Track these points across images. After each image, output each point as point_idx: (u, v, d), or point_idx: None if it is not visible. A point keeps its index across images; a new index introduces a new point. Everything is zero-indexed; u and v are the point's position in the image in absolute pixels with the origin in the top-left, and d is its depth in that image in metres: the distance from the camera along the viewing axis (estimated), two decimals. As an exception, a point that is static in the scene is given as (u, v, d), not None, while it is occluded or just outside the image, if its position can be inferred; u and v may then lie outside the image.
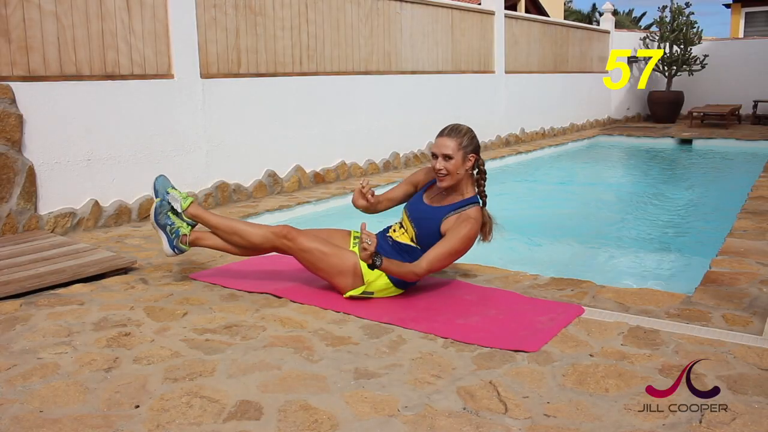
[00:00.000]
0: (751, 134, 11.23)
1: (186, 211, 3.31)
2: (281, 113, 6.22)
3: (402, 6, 7.79)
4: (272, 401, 2.16)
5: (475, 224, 3.07)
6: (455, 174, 3.10)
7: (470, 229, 3.04)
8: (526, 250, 5.06)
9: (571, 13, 34.14)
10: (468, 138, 3.12)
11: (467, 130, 3.14)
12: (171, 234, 3.31)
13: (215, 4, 5.56)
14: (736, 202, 5.46)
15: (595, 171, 9.41)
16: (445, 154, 3.08)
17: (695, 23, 13.58)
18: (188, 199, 3.33)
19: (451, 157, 3.07)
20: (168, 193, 3.32)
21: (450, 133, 3.11)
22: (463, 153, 3.09)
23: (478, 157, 3.16)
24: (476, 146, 3.15)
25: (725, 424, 1.99)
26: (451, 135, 3.10)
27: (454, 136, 3.09)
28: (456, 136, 3.09)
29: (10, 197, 4.27)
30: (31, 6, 4.35)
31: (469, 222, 3.05)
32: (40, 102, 4.44)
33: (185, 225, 3.36)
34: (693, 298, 3.08)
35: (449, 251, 3.01)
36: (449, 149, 3.07)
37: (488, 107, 9.67)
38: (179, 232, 3.32)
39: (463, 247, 3.06)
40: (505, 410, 2.09)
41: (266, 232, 3.18)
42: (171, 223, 3.32)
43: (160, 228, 3.30)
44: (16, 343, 2.65)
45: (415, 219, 3.20)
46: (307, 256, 3.11)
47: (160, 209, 3.30)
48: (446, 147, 3.08)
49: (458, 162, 3.08)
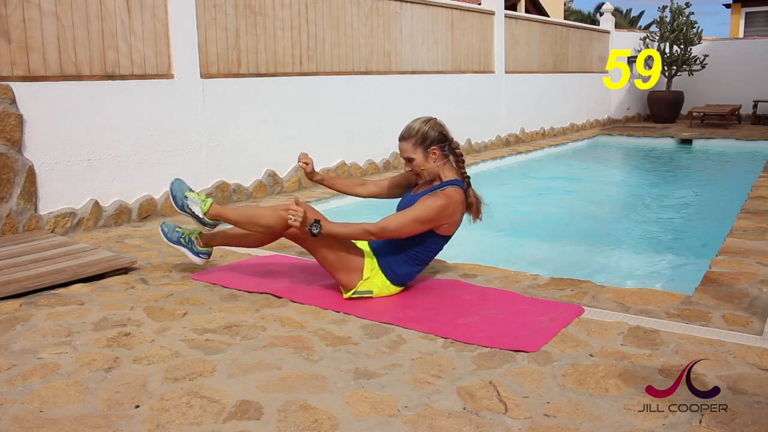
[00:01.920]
0: (751, 134, 11.23)
1: (207, 214, 3.29)
2: (281, 113, 6.22)
3: (402, 6, 7.79)
4: (272, 401, 2.16)
5: (446, 199, 3.01)
6: (426, 171, 3.12)
7: (439, 200, 2.99)
8: (526, 250, 5.06)
9: (571, 13, 34.14)
10: (420, 135, 3.07)
11: (419, 127, 3.09)
12: (187, 243, 3.39)
13: (215, 4, 5.56)
14: (736, 202, 5.46)
15: (595, 171, 9.40)
16: (406, 158, 3.13)
17: (695, 23, 13.58)
18: (207, 201, 3.30)
19: (412, 158, 3.10)
20: (186, 197, 3.30)
21: (403, 136, 3.13)
22: (421, 150, 3.08)
23: (443, 145, 3.12)
24: (435, 137, 3.09)
25: (725, 424, 1.99)
26: (405, 138, 3.12)
27: (407, 138, 3.10)
28: (408, 138, 3.10)
29: (10, 197, 4.27)
30: (31, 6, 4.36)
31: (440, 197, 3.01)
32: (40, 102, 4.44)
33: (193, 230, 3.46)
34: (693, 298, 3.08)
35: (411, 217, 2.96)
36: (407, 152, 3.11)
37: (488, 107, 9.67)
38: (191, 238, 3.41)
39: (427, 216, 2.97)
40: (505, 410, 2.09)
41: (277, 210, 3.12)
42: (181, 234, 3.41)
43: (176, 244, 3.40)
44: (16, 343, 2.65)
45: (401, 209, 3.21)
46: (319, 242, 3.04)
47: (167, 228, 3.41)
48: (404, 150, 3.12)
49: (420, 160, 3.09)
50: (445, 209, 3.00)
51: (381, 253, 3.15)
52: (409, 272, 3.17)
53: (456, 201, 3.04)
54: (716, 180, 8.50)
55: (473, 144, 9.29)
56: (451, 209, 3.03)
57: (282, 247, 4.07)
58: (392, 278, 3.13)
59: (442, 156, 3.12)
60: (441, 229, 3.08)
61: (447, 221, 3.05)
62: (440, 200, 3.00)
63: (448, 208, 3.01)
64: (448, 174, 3.15)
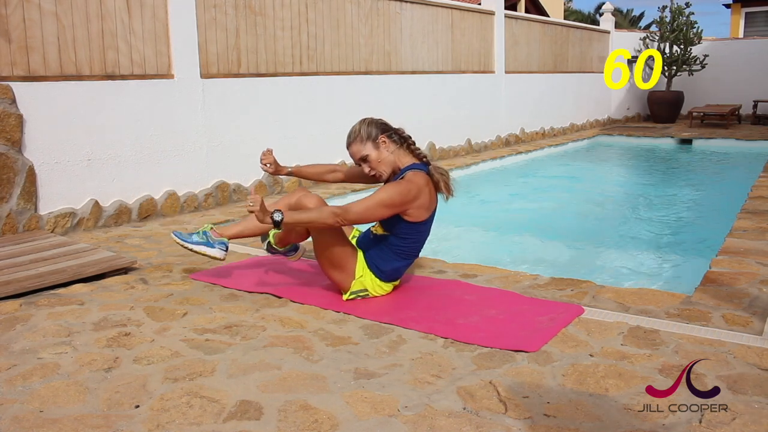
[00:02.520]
0: (751, 134, 11.23)
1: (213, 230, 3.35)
2: (281, 113, 6.22)
3: (402, 6, 7.79)
4: (272, 401, 2.16)
5: (407, 183, 2.97)
6: (383, 163, 3.10)
7: (401, 185, 2.97)
8: (526, 250, 5.06)
9: (571, 13, 34.14)
10: (364, 130, 3.10)
11: (359, 125, 3.14)
12: (204, 239, 3.31)
13: (215, 4, 5.56)
14: (736, 202, 5.46)
15: (595, 171, 9.40)
16: (361, 157, 3.12)
17: (695, 23, 13.58)
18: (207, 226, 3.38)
19: (366, 155, 3.10)
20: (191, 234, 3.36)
21: (349, 139, 3.14)
22: (371, 144, 3.08)
23: (390, 133, 3.12)
24: (378, 129, 3.11)
25: (725, 424, 1.99)
26: (352, 142, 3.13)
27: (354, 141, 3.12)
28: (355, 137, 3.12)
29: (10, 197, 4.27)
30: (31, 6, 4.36)
31: (401, 182, 3.00)
32: (40, 102, 4.44)
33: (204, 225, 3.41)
34: (693, 298, 3.08)
35: (376, 201, 2.92)
36: (359, 153, 3.11)
37: (488, 107, 9.67)
38: (207, 233, 3.34)
39: (391, 200, 2.93)
40: (505, 410, 2.09)
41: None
42: (196, 232, 3.36)
43: (195, 244, 3.31)
44: (16, 343, 2.65)
45: None
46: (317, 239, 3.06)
47: (180, 234, 3.35)
48: (356, 153, 3.12)
49: (374, 154, 3.09)
50: (407, 193, 2.96)
51: (365, 251, 3.15)
52: (396, 268, 3.14)
53: (418, 184, 3.00)
54: (716, 180, 8.50)
55: (473, 144, 9.29)
56: (414, 192, 2.98)
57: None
58: (379, 275, 3.12)
59: (392, 143, 3.11)
60: (411, 216, 3.03)
61: (412, 205, 3.00)
62: (402, 184, 2.99)
63: (411, 191, 2.97)
64: (405, 161, 3.14)
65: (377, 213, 2.95)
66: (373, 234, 3.21)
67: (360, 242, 3.25)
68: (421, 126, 8.16)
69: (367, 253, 3.14)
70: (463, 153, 9.05)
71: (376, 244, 3.14)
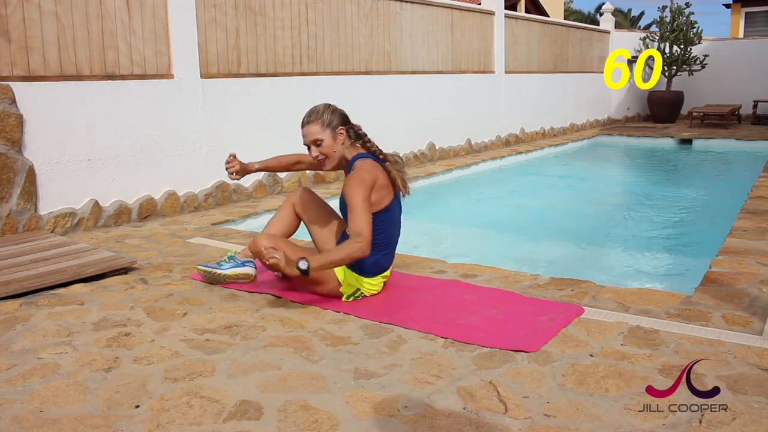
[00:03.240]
0: (751, 134, 11.23)
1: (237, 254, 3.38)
2: (281, 113, 6.22)
3: (402, 6, 7.79)
4: (272, 401, 2.16)
5: (359, 171, 2.99)
6: (332, 154, 3.09)
7: (357, 175, 2.98)
8: (526, 250, 5.06)
9: (571, 13, 34.14)
10: (328, 114, 3.08)
11: (324, 108, 3.10)
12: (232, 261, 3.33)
13: (215, 4, 5.56)
14: (736, 202, 5.46)
15: (595, 171, 9.41)
16: (314, 140, 3.07)
17: (695, 23, 13.59)
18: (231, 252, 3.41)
19: (320, 140, 3.06)
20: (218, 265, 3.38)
21: (310, 117, 3.08)
22: (330, 131, 3.06)
23: (348, 126, 3.12)
24: (341, 119, 3.10)
25: (725, 424, 1.99)
26: (312, 119, 3.07)
27: (315, 119, 3.06)
28: (317, 119, 3.06)
29: (10, 197, 4.27)
30: (31, 6, 4.36)
31: (354, 173, 2.99)
32: (40, 102, 4.44)
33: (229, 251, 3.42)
34: (693, 298, 3.08)
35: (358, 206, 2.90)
36: (314, 134, 3.06)
37: (488, 107, 9.68)
38: (233, 256, 3.36)
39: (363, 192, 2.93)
40: (505, 410, 2.09)
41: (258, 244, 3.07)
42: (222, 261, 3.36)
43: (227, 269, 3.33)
44: (16, 343, 2.65)
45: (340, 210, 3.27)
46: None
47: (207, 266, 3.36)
48: (311, 134, 3.07)
49: (329, 142, 3.06)
50: (365, 179, 2.97)
51: None
52: (374, 261, 3.11)
53: (368, 167, 3.02)
54: (716, 180, 8.50)
55: (473, 144, 9.29)
56: (371, 176, 3.00)
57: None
58: (361, 273, 3.11)
59: (347, 137, 3.12)
60: (374, 205, 3.02)
61: (375, 190, 3.01)
62: (357, 174, 2.98)
63: (367, 175, 2.99)
64: (352, 152, 3.16)
65: (369, 214, 2.94)
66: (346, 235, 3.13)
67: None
68: (421, 126, 8.16)
69: None
70: (463, 153, 9.06)
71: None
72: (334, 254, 2.91)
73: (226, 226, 5.00)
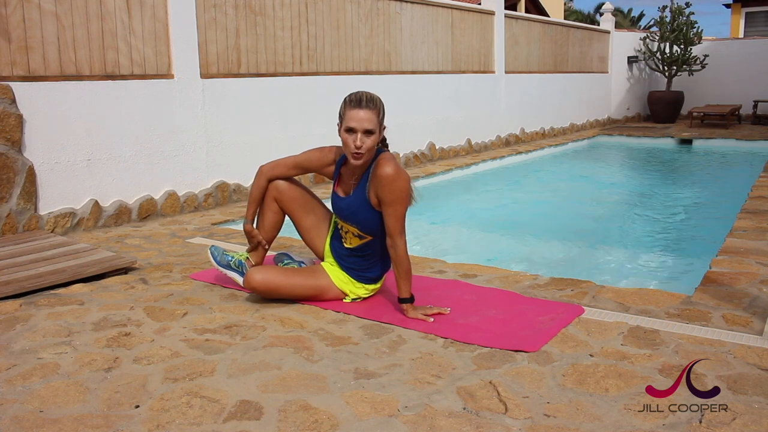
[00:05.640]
0: (751, 134, 11.23)
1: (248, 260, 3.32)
2: (281, 113, 6.23)
3: (402, 6, 7.79)
4: (272, 401, 2.16)
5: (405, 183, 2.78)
6: (371, 151, 2.78)
7: (405, 189, 2.78)
8: (526, 250, 5.06)
9: (571, 13, 34.13)
10: (383, 108, 2.82)
11: (379, 98, 2.83)
12: (237, 267, 3.28)
13: (215, 4, 5.56)
14: (736, 202, 5.47)
15: (595, 171, 9.40)
16: (367, 129, 2.72)
17: (695, 23, 13.59)
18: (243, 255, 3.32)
19: (372, 131, 2.74)
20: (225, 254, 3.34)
21: (368, 104, 2.74)
22: (380, 126, 2.79)
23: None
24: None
25: (725, 424, 1.99)
26: (370, 107, 2.73)
27: (373, 108, 2.74)
28: (375, 107, 2.75)
29: (10, 197, 4.27)
30: (31, 6, 4.36)
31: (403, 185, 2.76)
32: (40, 102, 4.44)
33: (242, 254, 3.33)
34: (693, 298, 3.08)
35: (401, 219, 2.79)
36: (371, 123, 2.72)
37: (488, 107, 9.67)
38: (241, 261, 3.29)
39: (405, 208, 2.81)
40: (505, 410, 2.09)
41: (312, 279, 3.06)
42: (231, 258, 3.30)
43: (226, 269, 3.28)
44: (16, 343, 2.65)
45: (348, 216, 2.98)
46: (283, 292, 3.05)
47: (216, 252, 3.31)
48: (368, 121, 2.72)
49: (377, 137, 2.77)
50: (410, 193, 2.82)
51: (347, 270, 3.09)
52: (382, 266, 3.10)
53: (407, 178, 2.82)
54: (716, 180, 8.50)
55: (473, 144, 9.29)
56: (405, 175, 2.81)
57: (281, 246, 4.07)
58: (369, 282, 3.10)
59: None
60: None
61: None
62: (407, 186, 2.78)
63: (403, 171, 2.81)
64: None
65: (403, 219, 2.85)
66: (349, 251, 3.06)
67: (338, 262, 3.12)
68: (421, 126, 8.16)
69: (352, 272, 3.07)
70: (464, 153, 9.06)
71: (363, 257, 3.05)
72: (402, 267, 2.84)
73: (226, 226, 5.00)
